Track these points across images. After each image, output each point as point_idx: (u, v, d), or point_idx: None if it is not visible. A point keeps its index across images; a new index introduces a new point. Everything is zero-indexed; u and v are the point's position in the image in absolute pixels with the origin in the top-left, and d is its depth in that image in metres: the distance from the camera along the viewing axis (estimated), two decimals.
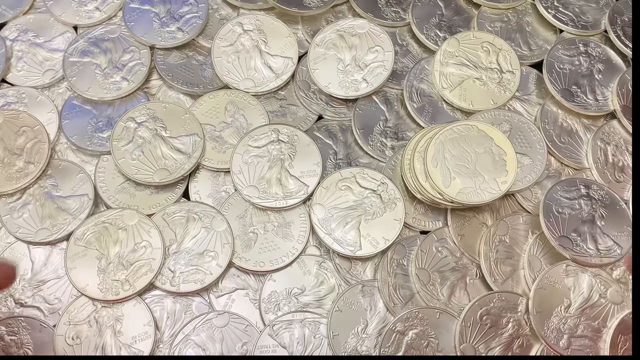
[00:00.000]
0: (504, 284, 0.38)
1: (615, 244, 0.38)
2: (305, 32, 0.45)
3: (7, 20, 0.45)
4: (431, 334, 0.37)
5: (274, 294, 0.38)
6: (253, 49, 0.43)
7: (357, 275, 0.39)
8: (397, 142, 0.42)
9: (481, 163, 0.38)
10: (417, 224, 0.40)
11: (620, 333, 0.37)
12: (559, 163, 0.42)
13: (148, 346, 0.36)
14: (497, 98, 0.42)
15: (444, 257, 0.39)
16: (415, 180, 0.39)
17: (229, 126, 0.42)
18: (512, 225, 0.40)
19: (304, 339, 0.37)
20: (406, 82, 0.43)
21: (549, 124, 0.42)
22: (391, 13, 0.46)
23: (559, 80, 0.43)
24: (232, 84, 0.43)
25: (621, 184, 0.41)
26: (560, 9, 0.46)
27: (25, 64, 0.44)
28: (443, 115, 0.43)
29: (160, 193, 0.40)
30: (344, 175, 0.40)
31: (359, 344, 0.37)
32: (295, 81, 0.44)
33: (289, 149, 0.41)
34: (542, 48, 0.45)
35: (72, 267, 0.37)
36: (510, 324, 0.37)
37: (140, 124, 0.41)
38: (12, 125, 0.40)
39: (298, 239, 0.39)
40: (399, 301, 0.38)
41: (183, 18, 0.44)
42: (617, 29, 0.45)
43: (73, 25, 0.45)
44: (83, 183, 0.40)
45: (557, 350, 0.36)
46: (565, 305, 0.37)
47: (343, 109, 0.43)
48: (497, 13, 0.46)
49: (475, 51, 0.43)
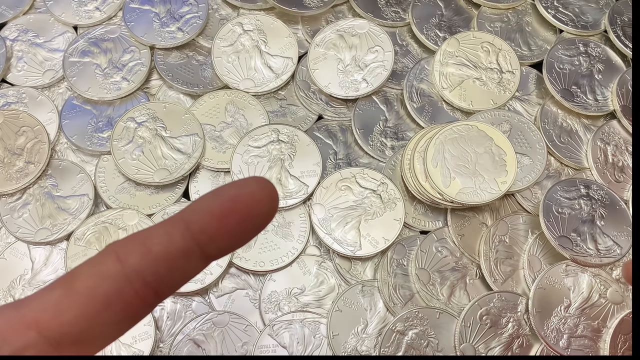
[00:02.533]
0: (503, 284, 0.38)
1: (615, 244, 0.38)
2: (305, 32, 0.45)
3: (7, 20, 0.45)
4: (431, 334, 0.37)
5: (274, 294, 0.38)
6: (253, 49, 0.43)
7: (357, 275, 0.39)
8: (397, 142, 0.42)
9: (481, 163, 0.38)
10: (417, 224, 0.40)
11: (620, 333, 0.37)
12: (558, 163, 0.42)
13: (148, 346, 0.36)
14: (497, 98, 0.42)
15: (444, 257, 0.39)
16: (415, 180, 0.39)
17: (229, 126, 0.42)
18: (512, 225, 0.40)
19: (304, 339, 0.37)
20: (406, 82, 0.43)
21: (548, 124, 0.43)
22: (391, 13, 0.46)
23: (559, 80, 0.43)
24: (232, 84, 0.43)
25: (621, 184, 0.41)
26: (560, 9, 0.46)
27: (25, 64, 0.44)
28: (443, 115, 0.43)
29: (160, 193, 0.40)
30: (344, 175, 0.40)
31: (359, 344, 0.37)
32: (295, 81, 0.44)
33: (289, 149, 0.41)
34: (542, 48, 0.45)
35: (72, 267, 0.37)
36: (510, 324, 0.37)
37: (140, 124, 0.41)
38: (12, 125, 0.40)
39: (298, 239, 0.39)
40: (399, 301, 0.38)
41: (183, 18, 0.44)
42: (617, 29, 0.45)
43: (73, 25, 0.45)
44: (83, 183, 0.40)
45: (557, 350, 0.36)
46: (565, 305, 0.37)
47: (343, 109, 0.43)
48: (497, 13, 0.46)
49: (475, 51, 0.43)
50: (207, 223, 0.15)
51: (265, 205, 0.16)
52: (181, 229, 0.15)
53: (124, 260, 0.15)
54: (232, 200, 0.15)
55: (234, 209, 0.15)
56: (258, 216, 0.16)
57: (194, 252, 0.16)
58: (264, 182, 0.16)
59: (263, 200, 0.16)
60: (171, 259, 0.15)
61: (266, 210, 0.16)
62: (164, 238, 0.15)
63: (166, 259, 0.15)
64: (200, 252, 0.16)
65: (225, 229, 0.15)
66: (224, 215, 0.15)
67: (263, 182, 0.16)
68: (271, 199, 0.16)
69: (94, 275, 0.15)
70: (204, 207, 0.16)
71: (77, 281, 0.15)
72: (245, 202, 0.15)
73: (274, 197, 0.16)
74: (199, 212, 0.15)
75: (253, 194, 0.15)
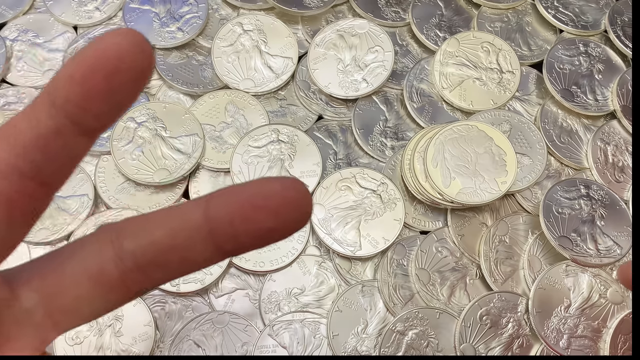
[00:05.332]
0: (504, 284, 0.38)
1: (615, 244, 0.38)
2: (305, 32, 0.45)
3: (7, 20, 0.45)
4: (431, 334, 0.37)
5: (274, 294, 0.38)
6: (253, 49, 0.43)
7: (357, 276, 0.39)
8: (397, 142, 0.42)
9: (481, 163, 0.38)
10: (417, 224, 0.40)
11: (620, 333, 0.37)
12: (559, 163, 0.42)
13: (148, 346, 0.36)
14: (497, 98, 0.42)
15: (444, 257, 0.39)
16: (415, 180, 0.39)
17: (229, 126, 0.42)
18: (512, 225, 0.40)
19: (304, 339, 0.37)
20: (406, 82, 0.43)
21: (549, 124, 0.43)
22: (391, 13, 0.46)
23: (559, 80, 0.43)
24: (232, 84, 0.43)
25: (621, 184, 0.41)
26: (560, 9, 0.46)
27: (25, 64, 0.44)
28: (443, 115, 0.43)
29: (160, 193, 0.40)
30: (344, 175, 0.40)
31: (359, 344, 0.37)
32: (295, 81, 0.44)
33: (289, 149, 0.41)
34: (542, 48, 0.45)
35: None
36: (510, 324, 0.37)
37: (140, 124, 0.41)
38: None
39: (298, 239, 0.39)
40: (399, 301, 0.38)
41: (183, 18, 0.44)
42: (617, 29, 0.45)
43: (73, 25, 0.45)
44: (83, 183, 0.40)
45: (557, 351, 0.36)
46: (565, 305, 0.37)
47: (343, 109, 0.43)
48: (497, 13, 0.46)
49: (475, 51, 0.43)
50: (70, 91, 0.13)
51: (135, 55, 0.13)
52: (46, 107, 0.14)
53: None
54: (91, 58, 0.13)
55: (95, 68, 0.13)
56: (128, 70, 0.13)
57: (67, 128, 0.14)
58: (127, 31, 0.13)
59: (129, 51, 0.13)
60: (43, 143, 0.14)
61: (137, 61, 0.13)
62: (29, 122, 0.14)
63: (37, 144, 0.14)
64: (75, 127, 0.14)
65: (94, 92, 0.13)
66: (85, 77, 0.13)
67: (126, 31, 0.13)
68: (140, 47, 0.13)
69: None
70: (65, 74, 0.13)
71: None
72: (107, 57, 0.13)
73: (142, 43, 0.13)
74: (61, 82, 0.13)
75: (115, 47, 0.13)
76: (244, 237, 0.14)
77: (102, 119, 0.14)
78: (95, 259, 0.15)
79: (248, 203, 0.14)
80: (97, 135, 0.14)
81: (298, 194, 0.14)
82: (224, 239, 0.14)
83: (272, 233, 0.14)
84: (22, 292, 0.15)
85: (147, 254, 0.15)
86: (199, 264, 0.15)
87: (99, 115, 0.14)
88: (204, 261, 0.15)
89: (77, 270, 0.15)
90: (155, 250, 0.15)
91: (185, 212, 0.15)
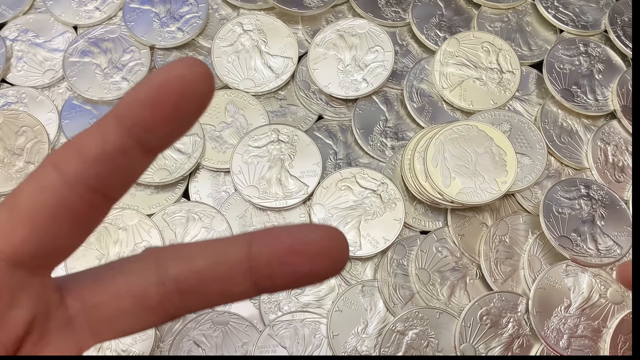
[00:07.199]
0: (504, 284, 0.38)
1: (615, 244, 0.38)
2: (305, 32, 0.45)
3: (7, 20, 0.45)
4: (431, 334, 0.37)
5: (274, 294, 0.38)
6: (253, 49, 0.43)
7: (357, 275, 0.39)
8: (397, 142, 0.42)
9: (481, 163, 0.38)
10: (417, 224, 0.40)
11: (620, 333, 0.37)
12: (559, 163, 0.42)
13: (148, 346, 0.36)
14: (497, 98, 0.42)
15: (444, 257, 0.39)
16: (415, 180, 0.39)
17: (229, 126, 0.42)
18: (512, 225, 0.40)
19: (304, 339, 0.37)
20: (406, 82, 0.43)
21: (549, 124, 0.43)
22: (391, 13, 0.46)
23: (559, 80, 0.43)
24: (232, 84, 0.43)
25: (621, 184, 0.41)
26: (560, 9, 0.46)
27: (25, 64, 0.44)
28: (443, 115, 0.43)
29: (160, 193, 0.40)
30: (344, 175, 0.40)
31: (359, 344, 0.37)
32: (295, 81, 0.44)
33: (289, 149, 0.41)
34: (542, 48, 0.45)
35: (72, 267, 0.37)
36: (510, 324, 0.37)
37: None
38: (12, 125, 0.40)
39: None
40: (399, 301, 0.38)
41: (183, 18, 0.44)
42: (617, 29, 0.45)
43: (73, 25, 0.45)
44: None
45: (557, 350, 0.36)
46: (565, 305, 0.37)
47: (343, 109, 0.43)
48: (497, 13, 0.46)
49: (475, 51, 0.43)
50: (139, 115, 0.15)
51: (199, 85, 0.15)
52: (114, 126, 0.15)
53: (61, 169, 0.15)
54: (160, 87, 0.15)
55: (164, 95, 0.15)
56: (193, 99, 0.15)
57: (132, 148, 0.15)
58: (193, 61, 0.15)
59: (194, 81, 0.15)
60: (110, 159, 0.15)
61: (201, 91, 0.15)
62: (98, 139, 0.15)
63: (104, 160, 0.15)
64: (140, 146, 0.15)
65: (160, 117, 0.15)
66: (155, 104, 0.15)
67: (191, 62, 0.15)
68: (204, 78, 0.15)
69: (33, 191, 0.15)
70: (134, 98, 0.15)
71: (18, 200, 0.15)
72: (175, 86, 0.14)
73: (206, 74, 0.15)
74: (130, 105, 0.15)
75: (182, 76, 0.15)
76: (280, 279, 0.15)
77: (165, 140, 0.15)
78: (139, 279, 0.16)
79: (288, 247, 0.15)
80: (157, 154, 0.16)
81: (335, 244, 0.15)
82: (261, 278, 0.16)
83: (307, 277, 0.15)
84: (68, 300, 0.16)
85: (188, 281, 0.16)
86: (235, 296, 0.16)
87: (163, 137, 0.15)
88: (239, 294, 0.16)
89: (121, 287, 0.16)
90: (197, 278, 0.16)
91: (229, 246, 0.16)
